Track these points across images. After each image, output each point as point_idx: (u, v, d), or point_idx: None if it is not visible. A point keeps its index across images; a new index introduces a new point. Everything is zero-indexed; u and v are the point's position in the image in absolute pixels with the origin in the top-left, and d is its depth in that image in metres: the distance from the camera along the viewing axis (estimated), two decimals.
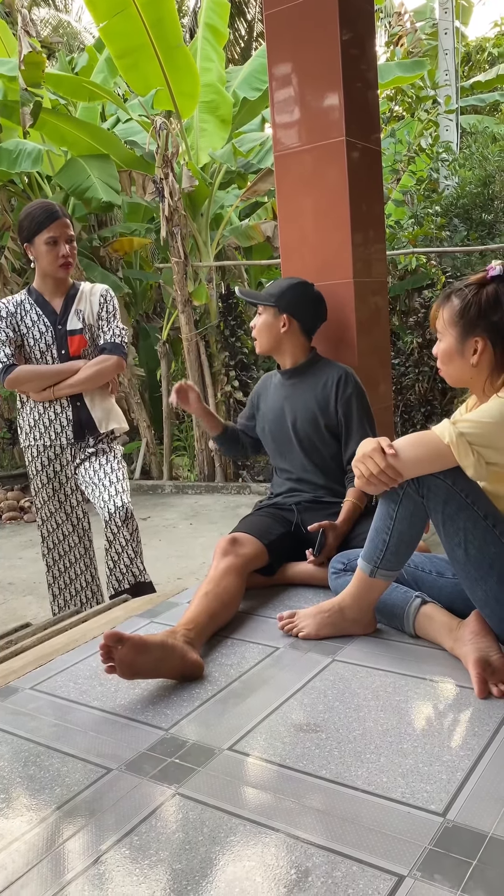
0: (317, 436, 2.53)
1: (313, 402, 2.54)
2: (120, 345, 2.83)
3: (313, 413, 2.53)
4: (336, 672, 1.80)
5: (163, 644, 1.78)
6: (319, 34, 2.78)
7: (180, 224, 6.09)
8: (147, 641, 1.74)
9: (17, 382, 2.74)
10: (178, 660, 1.79)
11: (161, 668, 1.77)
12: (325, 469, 2.54)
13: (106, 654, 1.67)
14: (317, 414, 2.52)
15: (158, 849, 1.24)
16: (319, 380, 2.56)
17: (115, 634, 1.67)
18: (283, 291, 2.57)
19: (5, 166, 5.90)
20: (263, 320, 2.59)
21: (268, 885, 1.14)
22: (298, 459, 2.58)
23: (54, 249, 2.71)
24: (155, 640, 1.77)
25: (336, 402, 2.51)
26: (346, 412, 2.50)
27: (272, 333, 2.58)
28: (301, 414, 2.55)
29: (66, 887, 1.17)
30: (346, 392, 2.51)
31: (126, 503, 2.75)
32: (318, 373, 2.58)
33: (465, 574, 1.77)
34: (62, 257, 2.72)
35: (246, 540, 2.26)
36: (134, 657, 1.70)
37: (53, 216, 2.69)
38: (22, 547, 5.30)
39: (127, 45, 5.94)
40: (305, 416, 2.54)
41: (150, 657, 1.73)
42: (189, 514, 5.82)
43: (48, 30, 13.82)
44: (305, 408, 2.55)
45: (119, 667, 1.68)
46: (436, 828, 1.24)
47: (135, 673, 1.72)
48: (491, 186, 6.58)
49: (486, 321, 1.78)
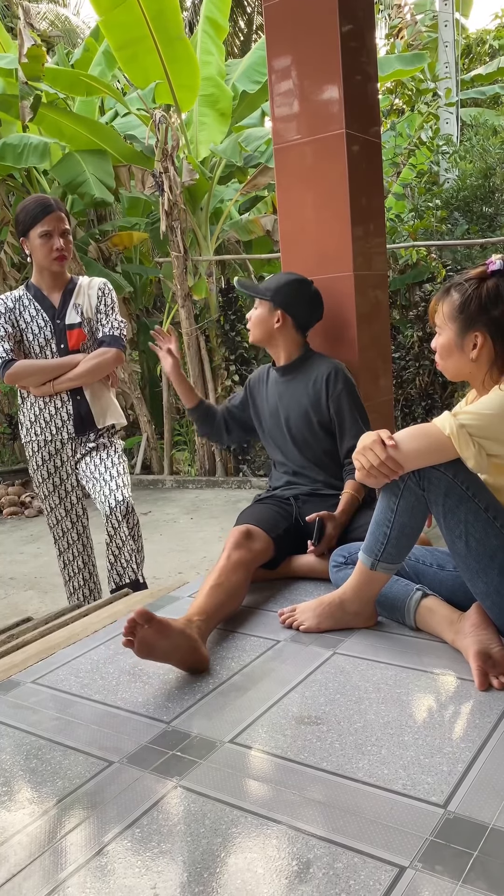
0: (310, 433, 2.54)
1: (305, 400, 2.54)
2: (119, 337, 2.82)
3: (305, 410, 2.53)
4: (337, 665, 1.81)
5: (182, 632, 1.80)
6: (319, 26, 2.77)
7: (180, 218, 6.07)
8: (171, 626, 1.77)
9: (17, 377, 2.74)
10: (190, 651, 1.80)
11: (173, 655, 1.79)
12: (320, 464, 2.55)
13: (130, 628, 1.69)
14: (309, 411, 2.53)
15: (160, 841, 1.24)
16: (310, 377, 2.56)
17: (146, 613, 1.69)
18: (279, 287, 2.57)
19: (10, 161, 5.89)
20: (258, 314, 2.59)
21: (269, 877, 1.14)
22: (294, 455, 2.59)
23: (48, 243, 2.71)
24: (177, 627, 1.79)
25: (327, 398, 2.51)
26: (337, 408, 2.50)
27: (266, 327, 2.59)
28: (294, 412, 2.56)
29: (68, 879, 1.17)
30: (336, 388, 2.51)
31: (127, 498, 2.75)
32: (309, 369, 2.59)
33: (466, 566, 1.77)
34: (56, 250, 2.71)
35: (258, 535, 2.27)
36: (155, 639, 1.72)
37: (47, 210, 2.69)
38: (23, 542, 5.31)
39: (127, 37, 5.90)
40: (298, 414, 2.55)
41: (169, 643, 1.76)
42: (190, 508, 5.83)
43: (45, 23, 13.76)
44: (298, 405, 2.55)
45: (138, 644, 1.70)
46: (437, 819, 1.24)
47: (150, 654, 1.74)
48: (491, 179, 6.56)
49: (487, 316, 1.77)
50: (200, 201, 6.59)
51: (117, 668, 1.89)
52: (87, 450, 2.86)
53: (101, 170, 6.14)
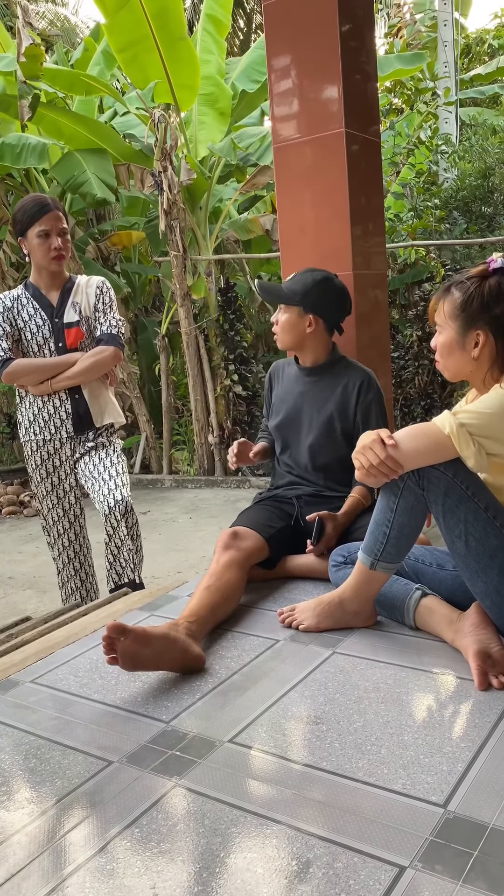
0: (328, 438, 2.48)
1: (332, 404, 2.48)
2: (116, 335, 2.81)
3: (330, 414, 2.47)
4: (336, 664, 1.80)
5: (165, 636, 1.78)
6: (318, 25, 2.77)
7: (179, 217, 6.07)
8: (149, 633, 1.74)
9: (15, 376, 2.74)
10: (179, 652, 1.79)
11: (163, 661, 1.77)
12: (327, 469, 2.50)
13: (108, 645, 1.67)
14: (334, 416, 2.47)
15: (160, 840, 1.24)
16: (340, 381, 2.49)
17: (118, 626, 1.67)
18: (308, 290, 2.45)
19: (8, 161, 5.87)
20: (287, 319, 2.48)
21: (269, 877, 1.14)
22: (303, 458, 2.53)
23: (46, 242, 2.70)
24: (157, 633, 1.77)
25: (356, 406, 2.45)
26: (364, 417, 2.45)
27: (297, 332, 2.49)
28: (318, 415, 2.50)
29: (68, 879, 1.17)
30: (367, 397, 2.46)
31: (126, 497, 2.74)
32: (339, 374, 2.51)
33: (466, 566, 1.77)
34: (54, 249, 2.71)
35: (247, 534, 2.25)
36: (136, 649, 1.70)
37: (45, 209, 2.69)
38: (22, 541, 5.30)
39: (129, 39, 5.88)
40: (322, 418, 2.49)
41: (152, 649, 1.73)
42: (189, 507, 5.83)
43: (44, 23, 13.75)
44: (323, 409, 2.49)
45: (121, 658, 1.68)
46: (437, 819, 1.24)
47: (136, 665, 1.72)
48: (490, 179, 6.56)
49: (488, 314, 1.77)
50: (199, 200, 6.58)
51: (116, 667, 1.88)
52: (85, 449, 2.85)
53: (102, 169, 6.13)
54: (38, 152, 5.82)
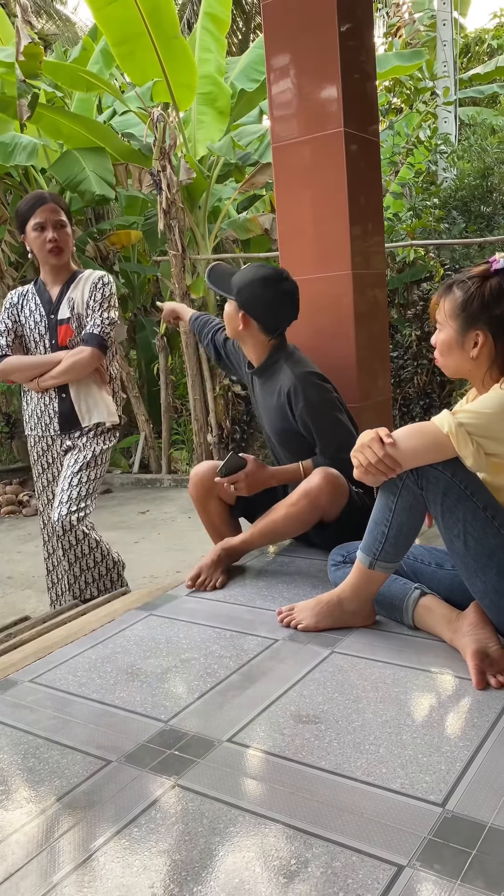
0: (284, 436, 2.50)
1: (274, 410, 2.48)
2: (98, 335, 2.72)
3: (276, 417, 2.49)
4: (335, 664, 1.80)
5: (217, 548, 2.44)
6: (318, 25, 2.76)
7: (178, 217, 6.06)
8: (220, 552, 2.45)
9: (5, 373, 2.76)
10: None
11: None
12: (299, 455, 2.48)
13: None
14: (279, 419, 2.47)
15: (158, 840, 1.24)
16: (275, 387, 2.46)
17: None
18: (242, 286, 2.38)
19: (1, 160, 5.87)
20: (227, 310, 2.45)
21: (267, 876, 1.14)
22: (279, 451, 2.59)
23: (42, 235, 2.68)
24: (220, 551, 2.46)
25: (292, 414, 2.42)
26: (303, 423, 2.41)
27: (232, 327, 2.46)
28: (266, 416, 2.54)
29: (66, 878, 1.17)
30: (297, 406, 2.39)
31: (63, 516, 2.62)
32: (274, 378, 2.46)
33: (465, 565, 1.77)
34: (50, 241, 2.68)
35: (201, 468, 2.54)
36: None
37: (40, 202, 2.67)
38: (21, 541, 5.30)
39: (124, 33, 5.87)
40: (272, 419, 2.51)
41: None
42: (187, 507, 5.82)
43: (44, 21, 13.75)
44: (270, 411, 2.51)
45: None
46: (435, 818, 1.24)
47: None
48: (489, 178, 6.55)
49: (489, 314, 1.77)
50: (198, 200, 6.58)
51: (115, 667, 1.89)
52: (65, 448, 2.82)
53: (101, 167, 6.12)
54: (28, 151, 5.81)
